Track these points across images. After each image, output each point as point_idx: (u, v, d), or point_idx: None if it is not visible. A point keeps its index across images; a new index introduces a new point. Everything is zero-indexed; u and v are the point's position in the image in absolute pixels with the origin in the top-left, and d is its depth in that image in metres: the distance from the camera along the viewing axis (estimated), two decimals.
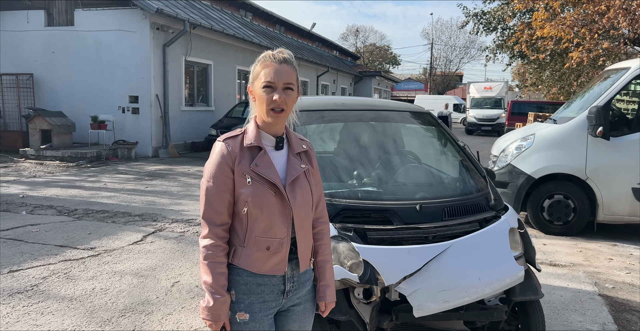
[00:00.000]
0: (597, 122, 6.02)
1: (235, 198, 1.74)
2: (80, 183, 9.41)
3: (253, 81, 1.79)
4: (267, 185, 1.74)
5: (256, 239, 1.73)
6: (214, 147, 1.78)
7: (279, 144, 1.82)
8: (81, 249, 5.27)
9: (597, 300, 4.31)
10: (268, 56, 1.77)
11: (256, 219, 1.73)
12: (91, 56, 13.90)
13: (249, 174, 1.73)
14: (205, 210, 1.74)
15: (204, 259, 1.72)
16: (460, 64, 56.25)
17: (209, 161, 1.78)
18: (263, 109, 1.74)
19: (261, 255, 1.74)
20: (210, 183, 1.74)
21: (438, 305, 2.59)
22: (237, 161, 1.74)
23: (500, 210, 3.13)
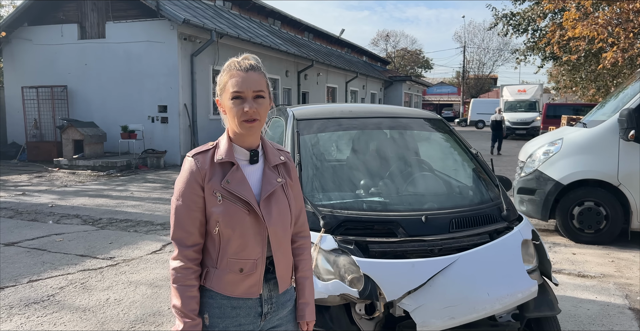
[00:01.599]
0: (629, 126, 5.73)
1: (207, 217, 1.63)
2: (108, 192, 9.59)
3: (221, 93, 1.66)
4: (240, 203, 1.62)
5: (228, 261, 1.62)
6: (184, 164, 1.68)
7: (254, 158, 1.70)
8: (100, 258, 5.33)
9: (627, 314, 4.06)
10: (233, 64, 1.65)
11: (228, 240, 1.62)
12: (121, 67, 14.23)
13: (219, 191, 1.61)
14: (175, 230, 1.64)
15: (174, 283, 1.61)
16: (493, 67, 55.30)
17: (178, 179, 1.67)
18: (235, 122, 1.62)
19: (234, 277, 1.63)
20: (179, 202, 1.63)
21: (443, 321, 2.47)
22: (207, 178, 1.62)
23: (513, 221, 2.98)
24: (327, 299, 2.50)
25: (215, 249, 1.64)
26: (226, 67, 1.67)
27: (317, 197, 2.99)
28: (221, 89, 1.66)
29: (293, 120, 3.40)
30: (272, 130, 3.96)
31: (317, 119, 3.52)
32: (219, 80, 1.68)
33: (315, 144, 3.43)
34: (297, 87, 21.25)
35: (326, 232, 2.65)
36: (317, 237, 2.62)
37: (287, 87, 20.46)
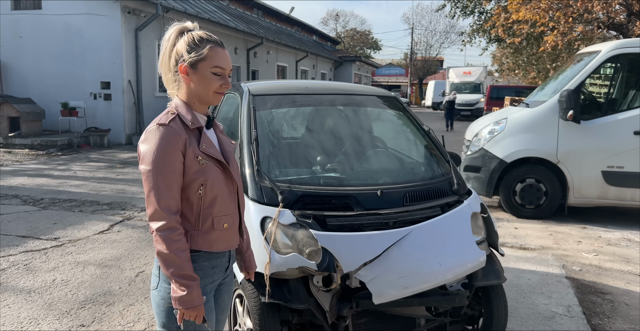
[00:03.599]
0: (568, 106, 6.02)
1: (187, 182, 1.69)
2: (49, 171, 9.18)
3: (197, 62, 1.70)
4: (216, 164, 1.76)
5: (214, 219, 1.75)
6: (154, 132, 1.67)
7: (210, 123, 1.85)
8: (44, 239, 5.12)
9: (563, 283, 4.33)
10: (208, 37, 1.74)
11: (212, 200, 1.73)
12: (60, 41, 13.51)
13: (200, 156, 1.71)
14: (162, 199, 1.63)
15: (171, 251, 1.62)
16: (440, 49, 56.42)
17: (153, 146, 1.65)
18: (207, 91, 1.73)
19: (220, 234, 1.77)
20: (162, 168, 1.64)
21: (398, 291, 2.55)
22: (187, 143, 1.69)
23: (463, 195, 3.09)
24: (285, 272, 2.52)
25: (193, 213, 1.73)
26: (198, 37, 1.73)
27: (274, 173, 2.99)
28: (200, 58, 1.71)
29: (249, 95, 3.36)
30: (226, 106, 3.89)
31: (273, 95, 3.49)
32: (191, 50, 1.71)
33: (272, 120, 3.41)
34: (246, 65, 20.89)
35: (284, 207, 2.66)
36: (276, 212, 2.63)
37: (236, 65, 20.08)
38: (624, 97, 6.42)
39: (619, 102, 6.43)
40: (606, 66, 6.52)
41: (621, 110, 6.19)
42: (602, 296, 4.10)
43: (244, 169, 2.90)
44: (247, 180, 2.85)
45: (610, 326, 3.59)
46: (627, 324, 3.62)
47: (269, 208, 2.67)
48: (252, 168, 2.86)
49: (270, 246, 2.54)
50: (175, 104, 1.76)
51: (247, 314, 2.66)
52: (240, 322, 2.76)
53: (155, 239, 1.65)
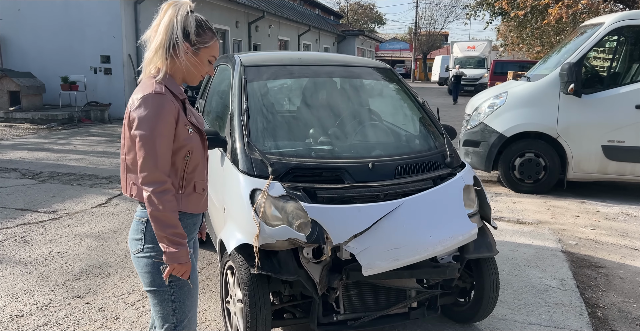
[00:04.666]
0: (569, 79, 5.92)
1: (176, 148, 1.80)
2: (49, 145, 9.18)
3: (201, 48, 1.82)
4: (198, 133, 1.90)
5: (196, 184, 1.88)
6: (151, 100, 1.73)
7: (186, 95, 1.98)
8: (42, 212, 5.15)
9: (559, 256, 4.34)
10: (213, 29, 1.88)
11: (195, 166, 1.87)
12: (59, 14, 13.34)
13: (188, 124, 1.83)
14: (160, 163, 1.73)
15: (167, 211, 1.72)
16: (445, 24, 55.48)
17: (150, 113, 1.72)
18: (197, 74, 1.87)
19: (199, 197, 1.92)
20: (161, 136, 1.72)
21: (388, 263, 2.54)
22: (180, 112, 1.81)
23: (456, 167, 3.06)
24: (275, 244, 2.52)
25: (177, 177, 1.84)
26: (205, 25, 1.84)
27: (265, 145, 2.96)
28: (205, 46, 1.83)
29: (240, 66, 3.31)
30: (218, 77, 3.84)
31: (265, 66, 3.43)
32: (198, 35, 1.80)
33: (264, 91, 3.36)
34: (247, 39, 20.63)
35: (274, 179, 2.64)
36: (265, 184, 2.61)
37: (237, 39, 19.85)
38: (627, 71, 6.32)
39: (622, 75, 6.32)
40: (609, 38, 6.38)
41: (623, 83, 6.09)
42: (597, 270, 4.11)
43: (235, 141, 2.88)
44: (237, 152, 2.83)
45: (603, 299, 3.61)
46: (621, 297, 3.63)
47: (259, 180, 2.65)
48: (242, 140, 2.83)
49: (260, 218, 2.53)
50: (161, 77, 1.81)
51: (238, 285, 2.67)
52: (232, 293, 2.78)
53: (150, 201, 1.71)
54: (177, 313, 1.89)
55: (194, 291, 1.94)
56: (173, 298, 1.87)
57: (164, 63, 1.81)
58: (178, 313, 1.89)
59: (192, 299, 1.93)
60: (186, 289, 1.90)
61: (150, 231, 1.82)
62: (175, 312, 1.88)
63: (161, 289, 1.87)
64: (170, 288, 1.86)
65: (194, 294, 1.94)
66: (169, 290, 1.86)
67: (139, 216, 1.86)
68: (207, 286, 3.59)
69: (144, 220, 1.84)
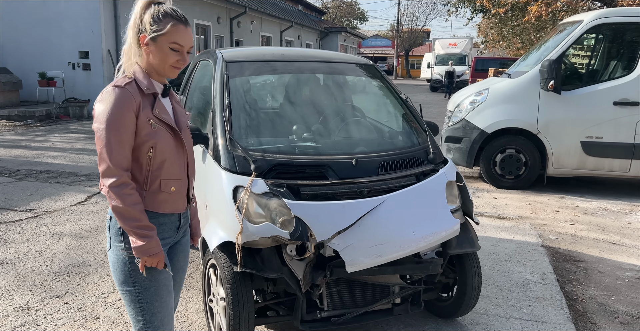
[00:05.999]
0: (549, 76, 5.99)
1: (138, 144, 1.75)
2: (27, 142, 9.00)
3: (157, 36, 1.75)
4: (168, 130, 1.83)
5: (161, 182, 1.82)
6: (110, 93, 1.73)
7: (166, 92, 1.90)
8: (19, 211, 5.04)
9: (539, 251, 4.39)
10: (173, 14, 1.76)
11: (161, 163, 1.80)
12: (36, 9, 13.05)
13: (152, 119, 1.78)
14: (114, 155, 1.70)
15: (126, 204, 1.70)
16: (427, 21, 55.65)
17: (107, 107, 1.71)
18: (163, 65, 1.78)
19: (166, 196, 1.84)
20: (116, 128, 1.70)
21: (371, 259, 2.54)
22: (140, 106, 1.75)
23: (439, 163, 3.07)
24: (258, 241, 2.50)
25: (142, 174, 1.79)
26: (163, 11, 1.76)
27: (248, 142, 2.93)
28: (161, 33, 1.74)
29: (222, 62, 3.27)
30: (200, 73, 3.79)
31: (247, 62, 3.40)
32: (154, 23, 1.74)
33: (246, 87, 3.32)
34: (229, 35, 20.47)
35: (257, 176, 2.62)
36: (248, 181, 2.59)
37: (219, 35, 19.67)
38: (605, 68, 6.42)
39: (600, 72, 6.43)
40: (588, 36, 6.48)
41: (601, 80, 6.20)
42: (576, 264, 4.17)
43: (217, 138, 2.84)
44: (219, 149, 2.79)
45: (583, 292, 3.66)
46: (600, 291, 3.69)
47: (241, 177, 2.63)
48: (224, 136, 2.80)
49: (243, 215, 2.50)
50: (134, 70, 1.81)
51: (220, 283, 2.64)
52: (214, 291, 2.75)
53: (109, 195, 1.71)
54: (146, 315, 1.84)
55: (164, 291, 1.87)
56: (139, 299, 1.83)
57: (139, 59, 1.81)
58: (147, 314, 1.84)
59: (162, 300, 1.86)
60: (152, 290, 1.84)
61: (114, 228, 1.81)
62: (144, 313, 1.84)
63: (126, 289, 1.84)
64: (135, 288, 1.83)
65: (163, 295, 1.87)
66: (134, 290, 1.83)
67: (108, 214, 1.86)
68: (189, 284, 3.55)
69: (109, 217, 1.84)
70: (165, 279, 1.87)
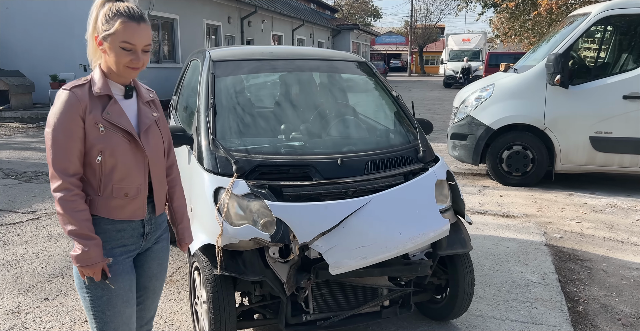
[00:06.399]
0: (556, 70, 5.85)
1: (87, 148, 1.70)
2: (36, 144, 9.10)
3: (107, 36, 1.69)
4: (121, 133, 1.74)
5: (113, 187, 1.74)
6: (59, 96, 1.70)
7: (129, 93, 1.82)
8: (21, 213, 5.08)
9: (542, 250, 4.28)
10: (124, 12, 1.68)
11: (112, 168, 1.73)
12: (47, 11, 13.21)
13: (101, 123, 1.71)
14: (57, 160, 1.67)
15: (65, 211, 1.66)
16: (440, 16, 55.17)
17: (54, 111, 1.69)
18: (117, 66, 1.72)
19: (119, 202, 1.76)
20: (59, 133, 1.66)
21: (356, 261, 2.48)
22: (87, 110, 1.69)
23: (429, 162, 2.99)
24: (238, 244, 2.45)
25: (96, 179, 1.73)
26: (114, 10, 1.68)
27: (232, 142, 2.89)
28: (109, 33, 1.68)
29: (209, 61, 3.23)
30: (191, 73, 3.76)
31: (235, 61, 3.35)
32: (105, 22, 1.68)
33: (233, 87, 3.28)
34: (240, 34, 20.49)
35: (239, 177, 2.57)
36: (229, 182, 2.54)
37: (229, 35, 19.71)
38: (614, 61, 6.24)
39: (609, 65, 6.25)
40: (596, 28, 6.30)
41: (611, 74, 6.02)
42: (580, 264, 4.05)
43: (200, 139, 2.81)
44: (202, 150, 2.76)
45: (585, 293, 3.55)
46: (603, 291, 3.58)
47: (223, 178, 2.59)
48: (207, 137, 2.76)
49: (223, 217, 2.46)
50: (93, 71, 1.77)
51: (203, 286, 2.60)
52: (198, 294, 2.71)
53: (55, 200, 1.68)
54: (99, 323, 1.80)
55: (117, 301, 1.80)
56: (92, 306, 1.79)
57: (97, 59, 1.77)
58: (99, 322, 1.79)
59: (115, 310, 1.80)
60: (105, 299, 1.78)
61: None
62: (97, 321, 1.80)
63: (81, 295, 1.81)
64: (88, 295, 1.78)
65: (117, 305, 1.80)
66: (87, 296, 1.79)
67: None
68: (182, 286, 3.53)
69: None
70: (120, 289, 1.80)
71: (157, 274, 2.01)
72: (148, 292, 2.01)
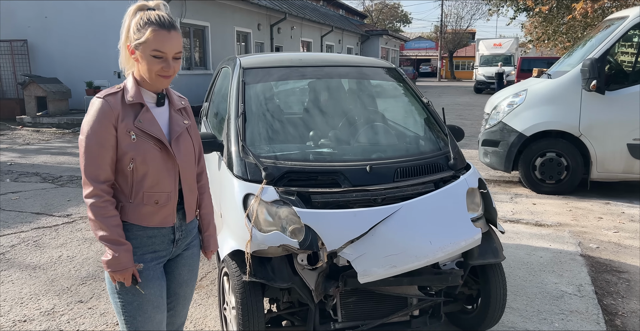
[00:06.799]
0: (591, 76, 5.70)
1: (119, 155, 1.73)
2: (72, 149, 9.35)
3: (138, 44, 1.71)
4: (153, 141, 1.76)
5: (144, 194, 1.76)
6: (92, 104, 1.73)
7: (161, 101, 1.84)
8: (57, 216, 5.22)
9: (577, 261, 4.15)
10: (154, 18, 1.70)
11: (143, 175, 1.74)
12: (83, 20, 13.61)
13: (133, 131, 1.73)
14: (89, 168, 1.70)
15: (96, 217, 1.69)
16: (471, 21, 54.53)
17: (88, 119, 1.72)
18: (149, 74, 1.74)
19: (150, 209, 1.78)
20: (92, 140, 1.69)
21: (385, 270, 2.45)
22: (120, 118, 1.72)
23: (460, 169, 2.94)
24: (267, 250, 2.46)
25: (127, 185, 1.75)
26: (145, 19, 1.70)
27: (262, 149, 2.90)
28: (141, 42, 1.71)
29: (239, 69, 3.26)
30: (221, 80, 3.81)
31: (265, 68, 3.38)
32: (137, 31, 1.71)
33: (262, 94, 3.30)
34: (270, 41, 20.70)
35: (268, 183, 2.58)
36: (259, 189, 2.55)
37: (259, 42, 19.92)
38: None
39: None
40: (634, 32, 6.12)
41: None
42: (617, 275, 3.92)
43: (230, 145, 2.83)
44: (232, 156, 2.78)
45: (623, 306, 3.43)
46: None
47: (252, 184, 2.60)
48: (237, 143, 2.78)
49: (252, 223, 2.47)
50: (126, 79, 1.80)
51: (232, 292, 2.61)
52: (227, 300, 2.73)
53: (86, 206, 1.71)
54: (130, 328, 1.82)
55: (148, 307, 1.82)
56: (123, 311, 1.81)
57: (131, 67, 1.80)
58: (130, 327, 1.81)
59: (146, 316, 1.81)
60: (135, 304, 1.80)
61: None
62: (128, 326, 1.82)
63: (113, 300, 1.83)
64: (120, 300, 1.80)
65: (147, 310, 1.81)
66: (119, 301, 1.81)
67: None
68: (211, 291, 3.55)
69: None
70: (151, 294, 1.82)
71: (187, 281, 2.03)
72: (179, 298, 2.02)
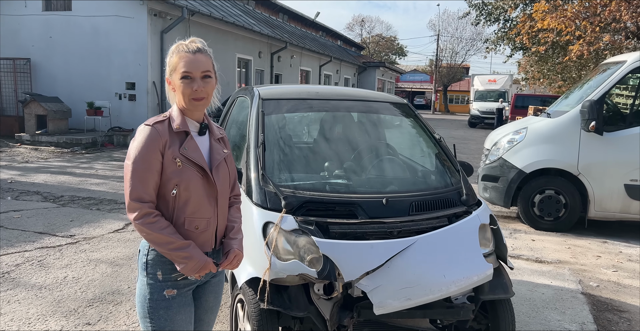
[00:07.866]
0: (590, 117, 5.87)
1: (163, 181, 1.78)
2: (72, 169, 9.35)
3: (171, 73, 1.83)
4: (196, 169, 1.82)
5: (185, 220, 1.81)
6: (140, 131, 1.80)
7: (203, 130, 1.92)
8: (60, 236, 5.21)
9: (579, 299, 4.21)
10: (182, 47, 1.82)
11: (185, 201, 1.80)
12: (88, 42, 13.79)
13: (179, 158, 1.79)
14: (134, 191, 1.74)
15: (154, 232, 1.72)
16: (466, 57, 55.66)
17: (136, 144, 1.78)
18: (184, 99, 1.82)
19: (190, 234, 1.82)
20: (139, 165, 1.75)
21: (400, 302, 2.50)
22: (167, 145, 1.78)
23: (472, 205, 3.03)
24: (285, 279, 2.50)
25: (168, 211, 1.81)
26: (175, 49, 1.84)
27: (280, 178, 2.97)
28: (172, 70, 1.83)
29: (259, 99, 3.36)
30: (238, 109, 3.90)
31: (283, 100, 3.48)
32: (169, 62, 1.84)
33: (280, 124, 3.40)
34: (270, 69, 21.02)
35: (287, 212, 2.64)
36: (278, 217, 2.61)
37: (259, 69, 20.23)
38: None
39: None
40: (631, 76, 6.34)
41: None
42: (619, 314, 3.97)
43: (250, 173, 2.90)
44: (252, 184, 2.84)
45: None
46: None
47: (272, 213, 2.66)
48: (257, 172, 2.85)
49: (271, 251, 2.52)
50: (171, 109, 1.90)
51: (247, 319, 2.64)
52: (241, 327, 2.75)
53: (138, 228, 1.75)
54: None
55: None
56: None
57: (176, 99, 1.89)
58: None
59: None
60: (167, 330, 1.83)
61: (141, 261, 1.85)
62: None
63: (144, 324, 1.86)
64: (151, 325, 1.83)
65: None
66: (150, 327, 1.84)
67: (139, 246, 1.90)
68: (218, 317, 3.55)
69: (139, 250, 1.89)
70: (182, 320, 1.86)
71: (212, 308, 2.06)
72: (203, 325, 2.05)
